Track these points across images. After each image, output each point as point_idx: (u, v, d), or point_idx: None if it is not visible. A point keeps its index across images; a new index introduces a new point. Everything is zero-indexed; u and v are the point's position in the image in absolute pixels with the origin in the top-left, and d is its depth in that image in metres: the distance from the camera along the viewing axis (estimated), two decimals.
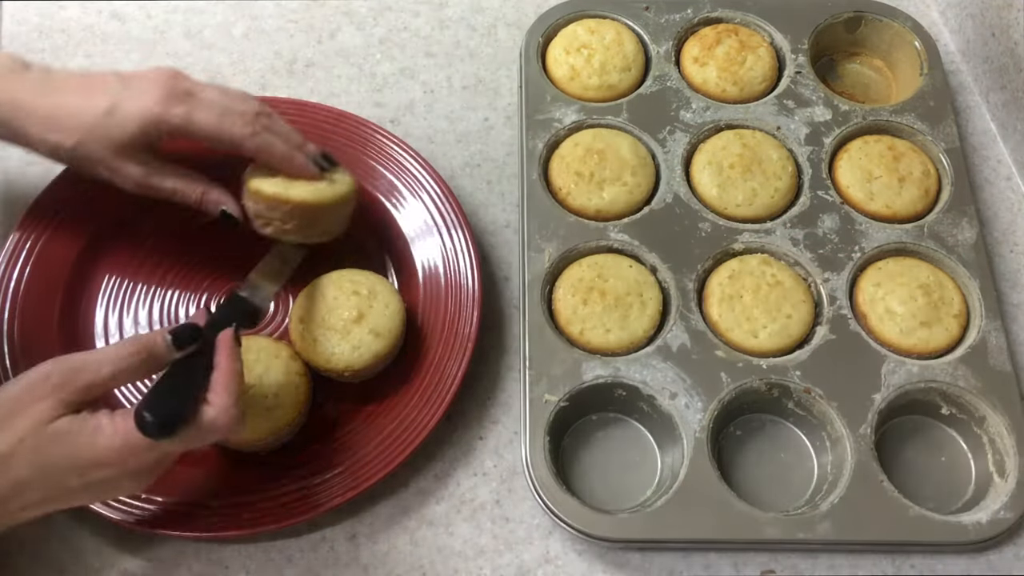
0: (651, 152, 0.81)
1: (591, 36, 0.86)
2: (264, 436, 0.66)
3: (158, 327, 0.75)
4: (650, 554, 0.68)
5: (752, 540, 0.66)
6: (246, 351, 0.68)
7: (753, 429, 0.73)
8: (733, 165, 0.79)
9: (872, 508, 0.67)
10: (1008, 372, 0.72)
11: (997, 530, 0.66)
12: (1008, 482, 0.68)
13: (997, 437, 0.70)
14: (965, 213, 0.79)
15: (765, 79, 0.85)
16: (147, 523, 0.65)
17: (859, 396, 0.70)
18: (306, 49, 0.91)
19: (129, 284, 0.77)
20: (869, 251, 0.77)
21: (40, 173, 0.82)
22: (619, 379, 0.70)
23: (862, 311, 0.74)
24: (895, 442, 0.72)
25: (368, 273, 0.72)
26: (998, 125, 0.89)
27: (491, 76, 0.91)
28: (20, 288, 0.73)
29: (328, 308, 0.70)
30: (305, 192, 0.69)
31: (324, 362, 0.69)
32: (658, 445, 0.72)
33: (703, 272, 0.75)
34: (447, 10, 0.95)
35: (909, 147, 0.82)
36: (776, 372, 0.71)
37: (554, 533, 0.69)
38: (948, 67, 0.91)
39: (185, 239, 0.79)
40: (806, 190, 0.80)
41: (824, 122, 0.83)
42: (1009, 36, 0.84)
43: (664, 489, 0.68)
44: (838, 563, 0.68)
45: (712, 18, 0.89)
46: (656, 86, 0.85)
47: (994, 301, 0.75)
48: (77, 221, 0.77)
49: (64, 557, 0.67)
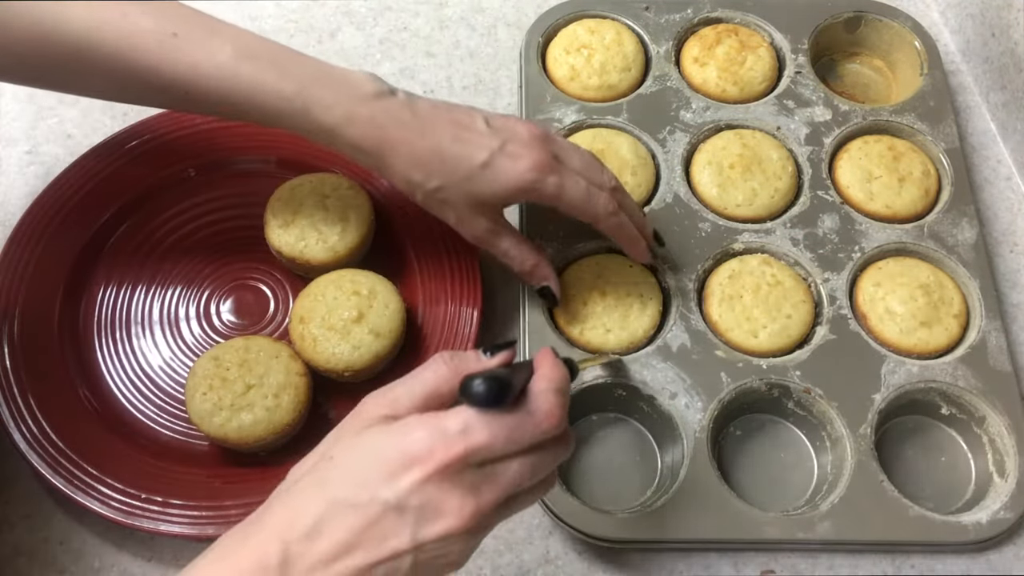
0: (651, 152, 0.81)
1: (591, 36, 0.86)
2: (264, 436, 0.66)
3: (158, 328, 0.75)
4: (650, 554, 0.68)
5: (752, 540, 0.66)
6: (246, 351, 0.68)
7: (753, 429, 0.73)
8: (733, 165, 0.79)
9: (872, 508, 0.67)
10: (1008, 372, 0.72)
11: (997, 530, 0.67)
12: (1008, 482, 0.68)
13: (997, 437, 0.70)
14: (965, 213, 0.79)
15: (765, 79, 0.85)
16: (147, 523, 0.65)
17: (859, 396, 0.70)
18: (306, 49, 0.90)
19: (129, 284, 0.77)
20: (869, 251, 0.77)
21: (40, 173, 0.82)
22: (619, 379, 0.70)
23: (862, 311, 0.74)
24: (895, 442, 0.72)
25: (368, 273, 0.73)
26: (998, 125, 0.89)
27: (491, 76, 0.91)
28: (20, 288, 0.73)
29: (328, 308, 0.70)
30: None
31: (324, 362, 0.69)
32: (658, 445, 0.72)
33: (703, 272, 0.75)
34: (447, 10, 0.95)
35: (909, 147, 0.82)
36: (776, 372, 0.71)
37: (554, 533, 0.69)
38: (948, 67, 0.91)
39: (185, 240, 0.79)
40: (806, 190, 0.80)
41: (824, 122, 0.83)
42: (1009, 36, 0.84)
43: (664, 489, 0.68)
44: (838, 563, 0.68)
45: (712, 18, 0.89)
46: (656, 86, 0.85)
47: (994, 301, 0.75)
48: (77, 221, 0.77)
49: (65, 557, 0.67)
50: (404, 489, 0.45)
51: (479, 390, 0.47)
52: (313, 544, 0.45)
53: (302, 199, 0.75)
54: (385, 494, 0.45)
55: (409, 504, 0.46)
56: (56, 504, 0.68)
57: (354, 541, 0.45)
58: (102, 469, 0.66)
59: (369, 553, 0.45)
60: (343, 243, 0.74)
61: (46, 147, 0.84)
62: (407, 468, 0.46)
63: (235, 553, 0.46)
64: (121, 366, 0.73)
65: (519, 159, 0.64)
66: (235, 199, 0.80)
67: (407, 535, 0.46)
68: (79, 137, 0.84)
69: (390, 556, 0.46)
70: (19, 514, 0.68)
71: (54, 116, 0.85)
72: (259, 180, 0.79)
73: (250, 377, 0.67)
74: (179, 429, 0.71)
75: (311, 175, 0.76)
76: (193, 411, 0.67)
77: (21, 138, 0.84)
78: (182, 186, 0.80)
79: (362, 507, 0.45)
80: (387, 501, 0.45)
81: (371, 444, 0.48)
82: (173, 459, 0.69)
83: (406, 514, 0.46)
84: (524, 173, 0.64)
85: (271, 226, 0.75)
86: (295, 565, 0.45)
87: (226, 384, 0.67)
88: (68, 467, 0.66)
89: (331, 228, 0.74)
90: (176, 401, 0.72)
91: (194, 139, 0.80)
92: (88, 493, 0.65)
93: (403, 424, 0.47)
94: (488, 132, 0.65)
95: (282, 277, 0.78)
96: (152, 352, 0.74)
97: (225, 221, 0.80)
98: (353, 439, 0.49)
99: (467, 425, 0.46)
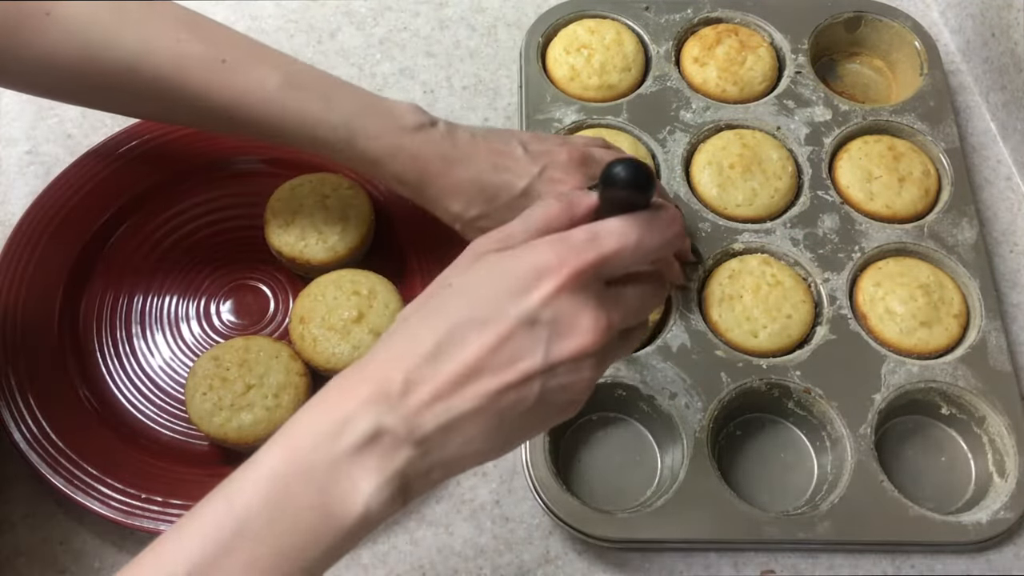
0: (651, 152, 0.81)
1: (591, 36, 0.86)
2: (264, 436, 0.66)
3: (159, 328, 0.75)
4: (650, 554, 0.68)
5: (752, 540, 0.66)
6: (246, 351, 0.68)
7: (753, 429, 0.73)
8: (733, 165, 0.79)
9: (872, 508, 0.67)
10: (1008, 372, 0.72)
11: (997, 530, 0.67)
12: (1008, 482, 0.68)
13: (997, 437, 0.70)
14: (965, 213, 0.79)
15: (765, 79, 0.85)
16: (147, 523, 0.65)
17: (859, 396, 0.70)
18: (306, 49, 0.91)
19: (129, 284, 0.77)
20: (869, 251, 0.77)
21: (40, 173, 0.82)
22: (619, 379, 0.70)
23: (862, 311, 0.74)
24: (895, 442, 0.72)
25: (368, 273, 0.73)
26: (998, 125, 0.89)
27: (491, 76, 0.91)
28: (20, 288, 0.73)
29: (328, 308, 0.70)
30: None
31: (324, 362, 0.69)
32: (658, 445, 0.72)
33: (703, 272, 0.75)
34: (447, 10, 0.95)
35: (909, 147, 0.82)
36: (776, 372, 0.71)
37: (554, 533, 0.69)
38: (948, 67, 0.91)
39: (185, 240, 0.79)
40: (806, 190, 0.80)
41: (824, 122, 0.83)
42: (1009, 36, 0.84)
43: (664, 489, 0.68)
44: (838, 563, 0.68)
45: (712, 18, 0.89)
46: (656, 86, 0.85)
47: (994, 301, 0.75)
48: (77, 221, 0.77)
49: (65, 558, 0.67)
50: (536, 302, 0.42)
51: (626, 173, 0.43)
52: (438, 367, 0.42)
53: (302, 199, 0.75)
54: (516, 308, 0.42)
55: (542, 318, 0.42)
56: (56, 504, 0.68)
57: (482, 362, 0.42)
58: (102, 469, 0.66)
59: (498, 376, 0.42)
60: (343, 243, 0.74)
61: (46, 147, 0.84)
62: (538, 280, 0.43)
63: (344, 385, 0.43)
64: (121, 366, 0.73)
65: (559, 184, 0.64)
66: (235, 199, 0.80)
67: (540, 353, 0.42)
68: (79, 137, 0.84)
69: (521, 379, 0.42)
70: (19, 514, 0.68)
71: (54, 116, 0.85)
72: (259, 180, 0.79)
73: (250, 377, 0.67)
74: (179, 429, 0.71)
75: (311, 175, 0.76)
76: (193, 411, 0.67)
77: (21, 138, 0.84)
78: (182, 186, 0.80)
79: (491, 323, 0.42)
80: (519, 316, 0.42)
81: (494, 265, 0.45)
82: (173, 459, 0.69)
83: (538, 328, 0.42)
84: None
85: (271, 226, 0.75)
86: (417, 392, 0.42)
87: (226, 384, 0.67)
88: (68, 467, 0.66)
89: (331, 228, 0.74)
90: (176, 401, 0.72)
91: (194, 139, 0.80)
92: (88, 493, 0.65)
93: (526, 244, 0.45)
94: (527, 159, 0.65)
95: (282, 277, 0.77)
96: (152, 352, 0.74)
97: (225, 221, 0.80)
98: (471, 266, 0.45)
99: (595, 233, 0.44)
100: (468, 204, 0.65)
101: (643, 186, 0.45)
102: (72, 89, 0.66)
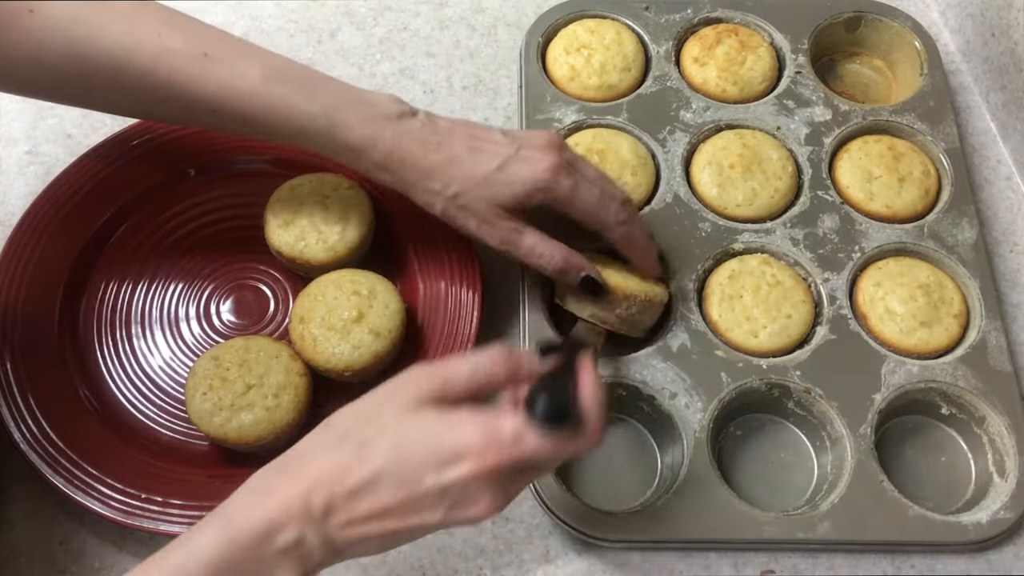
0: (651, 152, 0.81)
1: (591, 36, 0.86)
2: (264, 436, 0.66)
3: (159, 328, 0.75)
4: (650, 554, 0.68)
5: (752, 540, 0.66)
6: (246, 351, 0.68)
7: (753, 429, 0.73)
8: (733, 165, 0.79)
9: (872, 508, 0.67)
10: (1008, 372, 0.72)
11: (997, 530, 0.67)
12: (1008, 482, 0.68)
13: (997, 437, 0.70)
14: (965, 213, 0.79)
15: (765, 79, 0.85)
16: (147, 523, 0.65)
17: (859, 396, 0.70)
18: (306, 49, 0.91)
19: (129, 284, 0.77)
20: (869, 251, 0.77)
21: (40, 173, 0.82)
22: (619, 379, 0.70)
23: (862, 311, 0.74)
24: (895, 442, 0.72)
25: (368, 273, 0.73)
26: (998, 125, 0.89)
27: (491, 76, 0.91)
28: (20, 288, 0.73)
29: (328, 308, 0.70)
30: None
31: (324, 362, 0.69)
32: (658, 445, 0.72)
33: (703, 272, 0.76)
34: (447, 10, 0.95)
35: (909, 147, 0.82)
36: (776, 372, 0.71)
37: (554, 533, 0.69)
38: (948, 67, 0.91)
39: (185, 240, 0.79)
40: (806, 190, 0.80)
41: (824, 122, 0.83)
42: (1009, 36, 0.84)
43: (664, 489, 0.68)
44: (838, 563, 0.68)
45: (712, 18, 0.89)
46: (656, 86, 0.85)
47: (994, 301, 0.75)
48: (77, 221, 0.77)
49: (65, 558, 0.67)
50: (450, 480, 0.50)
51: (545, 412, 0.50)
52: (357, 503, 0.50)
53: (302, 199, 0.75)
54: (432, 479, 0.50)
55: (450, 492, 0.50)
56: (56, 504, 0.68)
57: (391, 510, 0.50)
58: (102, 469, 0.66)
59: (402, 520, 0.51)
60: (343, 243, 0.74)
61: (46, 147, 0.84)
62: (457, 461, 0.50)
63: (278, 491, 0.51)
64: (121, 366, 0.73)
65: (535, 162, 0.66)
66: (235, 199, 0.80)
67: (439, 514, 0.51)
68: (79, 137, 0.84)
69: (419, 525, 0.51)
70: (19, 514, 0.68)
71: (54, 116, 0.85)
72: (259, 180, 0.79)
73: (250, 377, 0.67)
74: (179, 429, 0.71)
75: (311, 175, 0.76)
76: (193, 411, 0.67)
77: (21, 138, 0.84)
78: (182, 186, 0.80)
79: (408, 485, 0.50)
80: (432, 485, 0.50)
81: (425, 427, 0.51)
82: (173, 459, 0.69)
83: (445, 499, 0.50)
84: (540, 173, 0.66)
85: (271, 226, 0.75)
86: (336, 516, 0.50)
87: (226, 384, 0.67)
88: (68, 467, 0.66)
89: (331, 228, 0.74)
90: (176, 401, 0.72)
91: (194, 139, 0.80)
92: (88, 493, 0.65)
93: (458, 417, 0.51)
94: (504, 141, 0.67)
95: (282, 277, 0.78)
96: (152, 352, 0.74)
97: (225, 221, 0.80)
98: (405, 415, 0.52)
99: (520, 433, 0.50)
100: (447, 183, 0.66)
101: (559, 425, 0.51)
102: (59, 88, 0.67)
